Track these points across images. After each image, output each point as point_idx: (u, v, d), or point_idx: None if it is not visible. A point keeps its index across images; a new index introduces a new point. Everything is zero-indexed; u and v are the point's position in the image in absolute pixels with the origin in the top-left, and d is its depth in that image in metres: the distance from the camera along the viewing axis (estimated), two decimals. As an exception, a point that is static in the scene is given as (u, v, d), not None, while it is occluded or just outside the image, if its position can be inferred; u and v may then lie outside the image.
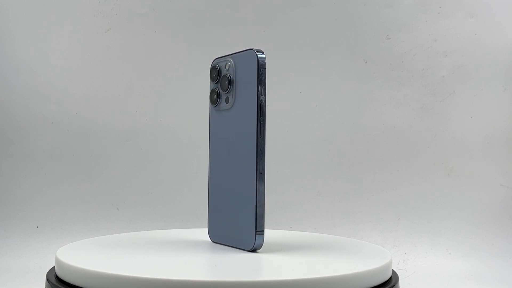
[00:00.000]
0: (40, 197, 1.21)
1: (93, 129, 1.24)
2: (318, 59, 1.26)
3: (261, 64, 0.56)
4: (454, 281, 1.09)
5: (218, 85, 0.61)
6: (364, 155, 1.25)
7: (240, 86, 0.59)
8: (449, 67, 1.25)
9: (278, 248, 0.60)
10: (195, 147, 1.21)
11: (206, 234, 0.64)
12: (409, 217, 1.23)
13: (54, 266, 0.57)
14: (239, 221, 0.58)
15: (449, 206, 1.23)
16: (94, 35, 1.24)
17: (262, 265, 0.53)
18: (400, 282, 0.59)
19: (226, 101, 0.60)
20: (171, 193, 1.23)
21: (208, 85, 0.64)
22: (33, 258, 1.13)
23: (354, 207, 1.23)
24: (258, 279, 0.47)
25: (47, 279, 0.55)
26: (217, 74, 0.61)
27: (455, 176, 1.24)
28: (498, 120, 1.25)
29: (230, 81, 0.59)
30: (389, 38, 1.24)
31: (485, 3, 1.25)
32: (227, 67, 0.60)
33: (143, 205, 1.22)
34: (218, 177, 0.62)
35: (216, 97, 0.61)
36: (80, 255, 0.57)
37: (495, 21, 1.25)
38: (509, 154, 1.25)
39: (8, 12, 1.23)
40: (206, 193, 0.65)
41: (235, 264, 0.53)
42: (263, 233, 0.57)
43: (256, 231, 0.56)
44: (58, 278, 0.54)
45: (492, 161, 1.25)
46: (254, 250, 0.57)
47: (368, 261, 0.56)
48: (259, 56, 0.57)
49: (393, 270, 0.59)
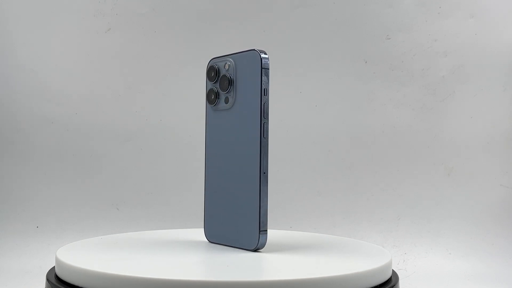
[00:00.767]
0: (40, 197, 1.21)
1: (93, 129, 1.24)
2: (318, 59, 1.26)
3: (265, 65, 0.57)
4: (454, 281, 1.09)
5: (217, 85, 0.61)
6: (364, 155, 1.25)
7: (241, 86, 0.59)
8: (449, 67, 1.25)
9: (278, 248, 0.60)
10: (195, 147, 1.21)
11: (206, 234, 0.64)
12: (409, 217, 1.23)
13: (54, 266, 0.57)
14: (241, 221, 0.58)
15: (449, 206, 1.23)
16: (94, 35, 1.24)
17: (262, 265, 0.53)
18: (400, 282, 0.59)
19: (226, 101, 0.60)
20: (171, 193, 1.23)
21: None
22: (33, 258, 1.13)
23: (354, 207, 1.23)
24: (258, 279, 0.47)
25: (47, 279, 0.55)
26: (216, 74, 0.61)
27: (455, 176, 1.24)
28: (498, 120, 1.25)
29: (230, 81, 0.60)
30: (389, 38, 1.24)
31: (485, 3, 1.25)
32: (227, 67, 0.60)
33: (143, 205, 1.22)
34: (217, 177, 0.62)
35: (215, 97, 0.61)
36: (80, 255, 0.57)
37: (495, 21, 1.25)
38: (509, 154, 1.25)
39: (8, 12, 1.23)
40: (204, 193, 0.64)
41: (235, 264, 0.53)
42: (266, 233, 0.57)
43: (260, 231, 0.56)
44: (58, 278, 0.54)
45: (492, 161, 1.25)
46: (257, 250, 0.58)
47: (368, 261, 0.56)
48: (263, 57, 0.57)
49: (393, 270, 0.59)
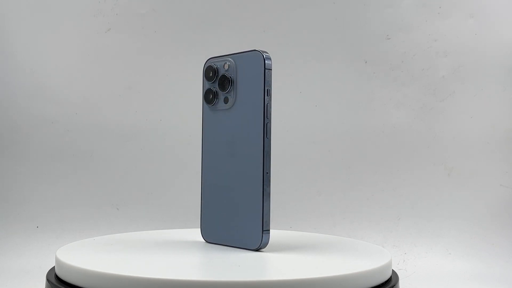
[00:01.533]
0: (40, 197, 1.21)
1: (93, 129, 1.24)
2: (318, 59, 1.26)
3: (267, 65, 0.57)
4: (454, 281, 1.09)
5: (216, 85, 0.61)
6: (364, 155, 1.25)
7: (243, 87, 0.59)
8: (449, 67, 1.25)
9: (278, 248, 0.60)
10: (195, 147, 1.20)
11: (206, 234, 0.64)
12: (409, 217, 1.23)
13: (54, 266, 0.57)
14: (244, 221, 0.58)
15: (449, 206, 1.23)
16: (94, 35, 1.24)
17: (262, 265, 0.53)
18: (400, 282, 0.59)
19: (225, 101, 0.60)
20: (171, 193, 1.23)
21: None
22: (33, 258, 1.13)
23: (354, 207, 1.23)
24: (258, 279, 0.47)
25: (47, 279, 0.55)
26: (214, 74, 0.62)
27: (455, 176, 1.24)
28: (498, 120, 1.25)
29: (231, 81, 0.60)
30: (389, 38, 1.24)
31: (485, 3, 1.25)
32: (226, 67, 0.60)
33: (143, 205, 1.22)
34: (215, 177, 0.62)
35: (213, 97, 0.61)
36: (80, 255, 0.57)
37: (495, 21, 1.25)
38: (509, 154, 1.25)
39: (8, 12, 1.23)
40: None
41: (236, 264, 0.53)
42: (269, 232, 0.57)
43: (263, 230, 0.57)
44: (58, 278, 0.54)
45: (492, 161, 1.25)
46: (259, 249, 0.58)
47: (368, 261, 0.56)
48: (266, 57, 0.57)
49: (393, 270, 0.59)
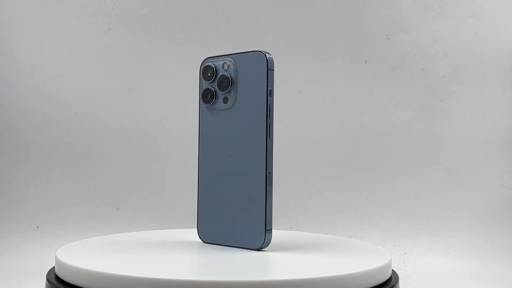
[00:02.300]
0: (40, 197, 1.21)
1: (93, 129, 1.24)
2: (318, 59, 1.26)
3: (270, 66, 0.57)
4: (454, 281, 1.09)
5: (214, 85, 0.61)
6: (364, 155, 1.25)
7: (244, 87, 0.59)
8: (449, 67, 1.25)
9: (278, 248, 0.60)
10: (195, 147, 1.20)
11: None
12: (409, 217, 1.23)
13: (54, 266, 0.57)
14: (245, 221, 0.58)
15: (449, 206, 1.23)
16: (94, 35, 1.24)
17: (261, 265, 0.53)
18: (400, 282, 0.59)
19: (225, 101, 0.60)
20: (171, 193, 1.23)
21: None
22: (33, 258, 1.13)
23: (354, 207, 1.23)
24: (257, 279, 0.47)
25: (47, 279, 0.55)
26: (213, 74, 0.62)
27: (455, 176, 1.24)
28: (498, 120, 1.25)
29: (231, 81, 0.60)
30: (389, 38, 1.24)
31: (485, 3, 1.25)
32: (226, 67, 0.60)
33: (143, 205, 1.22)
34: (214, 177, 0.62)
35: (211, 97, 0.61)
36: (80, 255, 0.57)
37: (495, 21, 1.25)
38: (509, 154, 1.25)
39: (8, 12, 1.23)
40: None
41: (236, 264, 0.53)
42: (271, 232, 0.57)
43: (266, 230, 0.57)
44: (58, 278, 0.54)
45: (492, 161, 1.25)
46: (261, 249, 0.58)
47: (368, 261, 0.56)
48: (268, 58, 0.57)
49: (393, 270, 0.59)
